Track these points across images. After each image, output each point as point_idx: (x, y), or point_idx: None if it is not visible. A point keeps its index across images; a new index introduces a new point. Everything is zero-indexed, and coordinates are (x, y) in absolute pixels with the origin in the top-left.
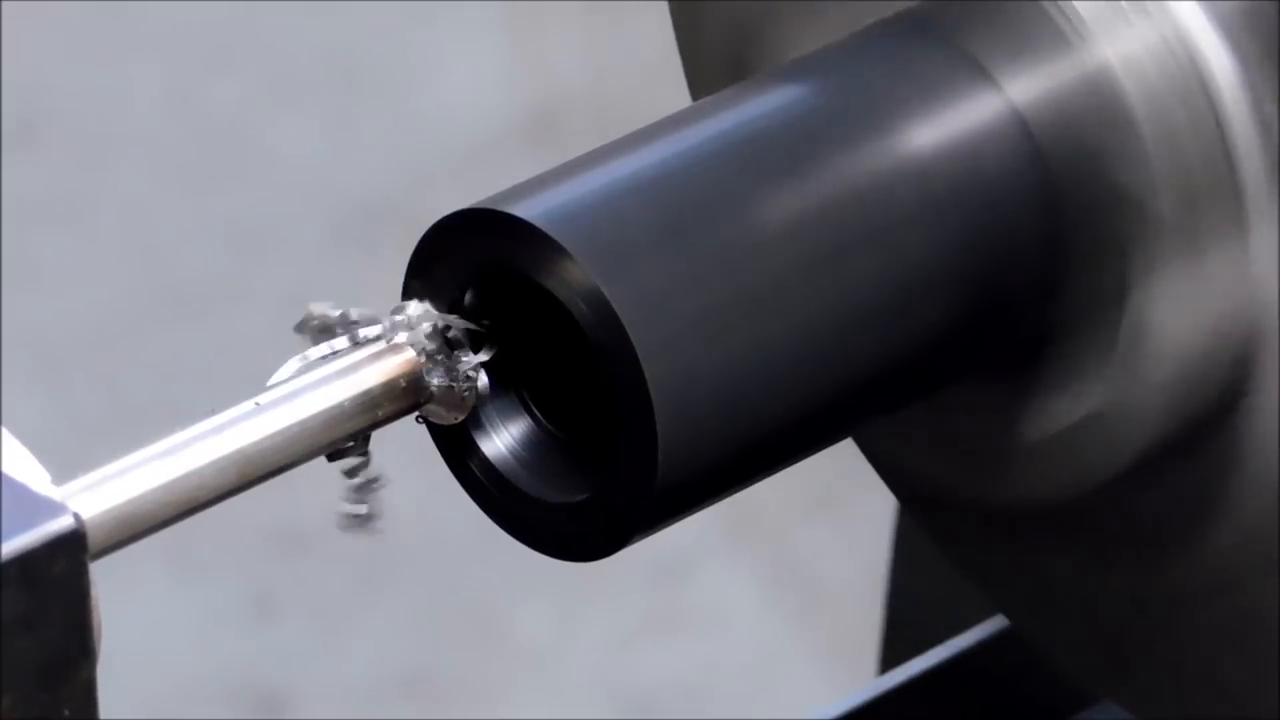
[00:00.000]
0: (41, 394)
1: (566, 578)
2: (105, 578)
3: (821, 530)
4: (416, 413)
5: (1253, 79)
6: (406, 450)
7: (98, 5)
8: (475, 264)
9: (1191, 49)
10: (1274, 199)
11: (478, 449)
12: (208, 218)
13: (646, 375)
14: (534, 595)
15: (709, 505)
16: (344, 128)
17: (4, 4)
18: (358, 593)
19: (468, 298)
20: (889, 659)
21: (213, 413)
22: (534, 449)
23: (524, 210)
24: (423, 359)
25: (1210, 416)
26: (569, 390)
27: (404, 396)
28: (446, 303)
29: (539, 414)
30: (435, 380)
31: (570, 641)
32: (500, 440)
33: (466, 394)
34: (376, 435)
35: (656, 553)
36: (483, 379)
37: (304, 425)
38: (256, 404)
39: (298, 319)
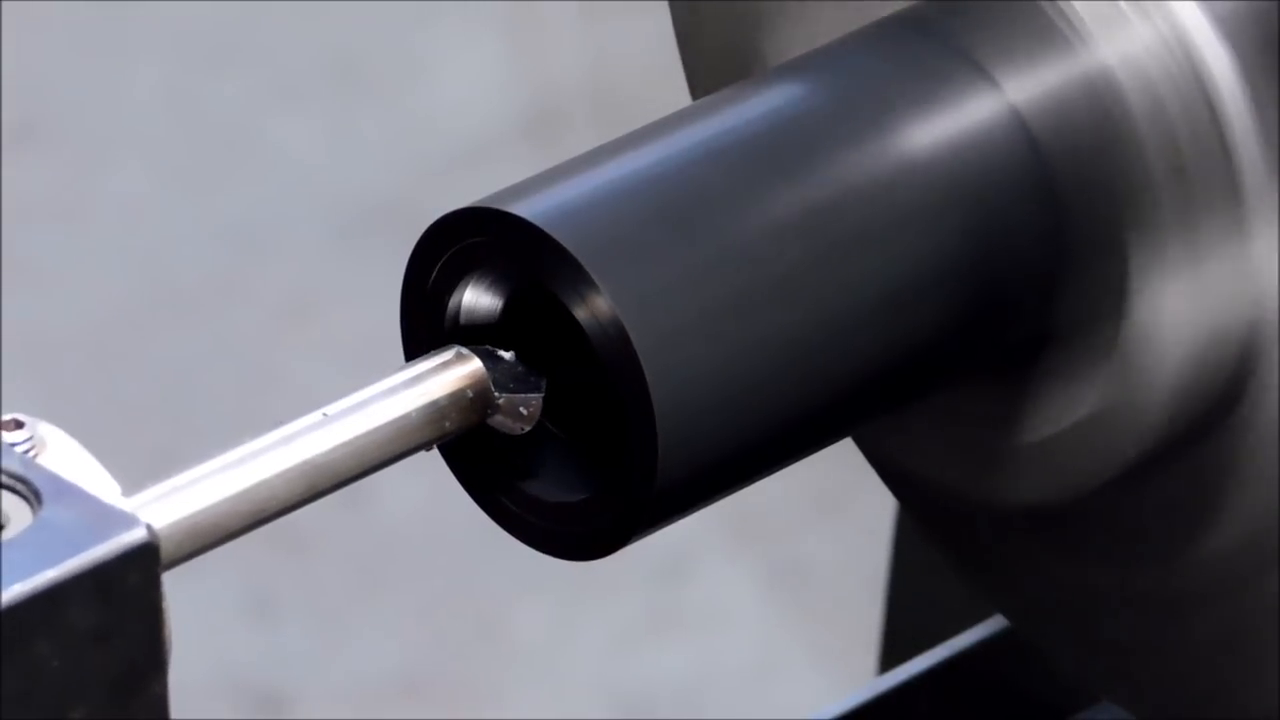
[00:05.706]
0: (41, 394)
1: (566, 578)
2: None
3: (821, 530)
4: (484, 422)
5: (1252, 79)
6: None
7: (98, 5)
8: (474, 263)
9: (1191, 49)
10: (1274, 199)
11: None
12: (208, 218)
13: (646, 375)
14: (534, 595)
15: (709, 505)
16: (344, 127)
17: (4, 4)
18: (358, 593)
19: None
20: (889, 659)
21: (324, 415)
22: (534, 449)
23: (523, 209)
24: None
25: (1211, 416)
26: (569, 389)
27: (471, 408)
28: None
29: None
30: (501, 391)
31: (570, 641)
32: None
33: (533, 404)
34: None
35: (656, 553)
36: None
37: (371, 436)
38: (324, 414)
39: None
